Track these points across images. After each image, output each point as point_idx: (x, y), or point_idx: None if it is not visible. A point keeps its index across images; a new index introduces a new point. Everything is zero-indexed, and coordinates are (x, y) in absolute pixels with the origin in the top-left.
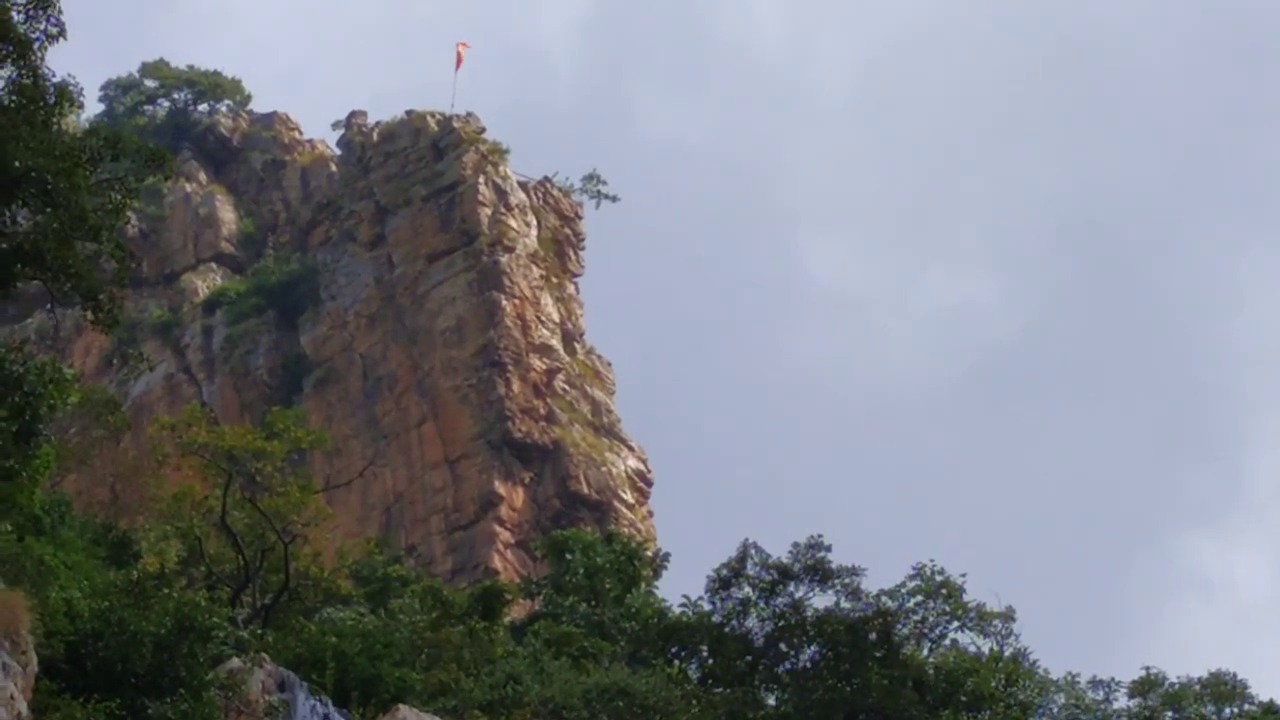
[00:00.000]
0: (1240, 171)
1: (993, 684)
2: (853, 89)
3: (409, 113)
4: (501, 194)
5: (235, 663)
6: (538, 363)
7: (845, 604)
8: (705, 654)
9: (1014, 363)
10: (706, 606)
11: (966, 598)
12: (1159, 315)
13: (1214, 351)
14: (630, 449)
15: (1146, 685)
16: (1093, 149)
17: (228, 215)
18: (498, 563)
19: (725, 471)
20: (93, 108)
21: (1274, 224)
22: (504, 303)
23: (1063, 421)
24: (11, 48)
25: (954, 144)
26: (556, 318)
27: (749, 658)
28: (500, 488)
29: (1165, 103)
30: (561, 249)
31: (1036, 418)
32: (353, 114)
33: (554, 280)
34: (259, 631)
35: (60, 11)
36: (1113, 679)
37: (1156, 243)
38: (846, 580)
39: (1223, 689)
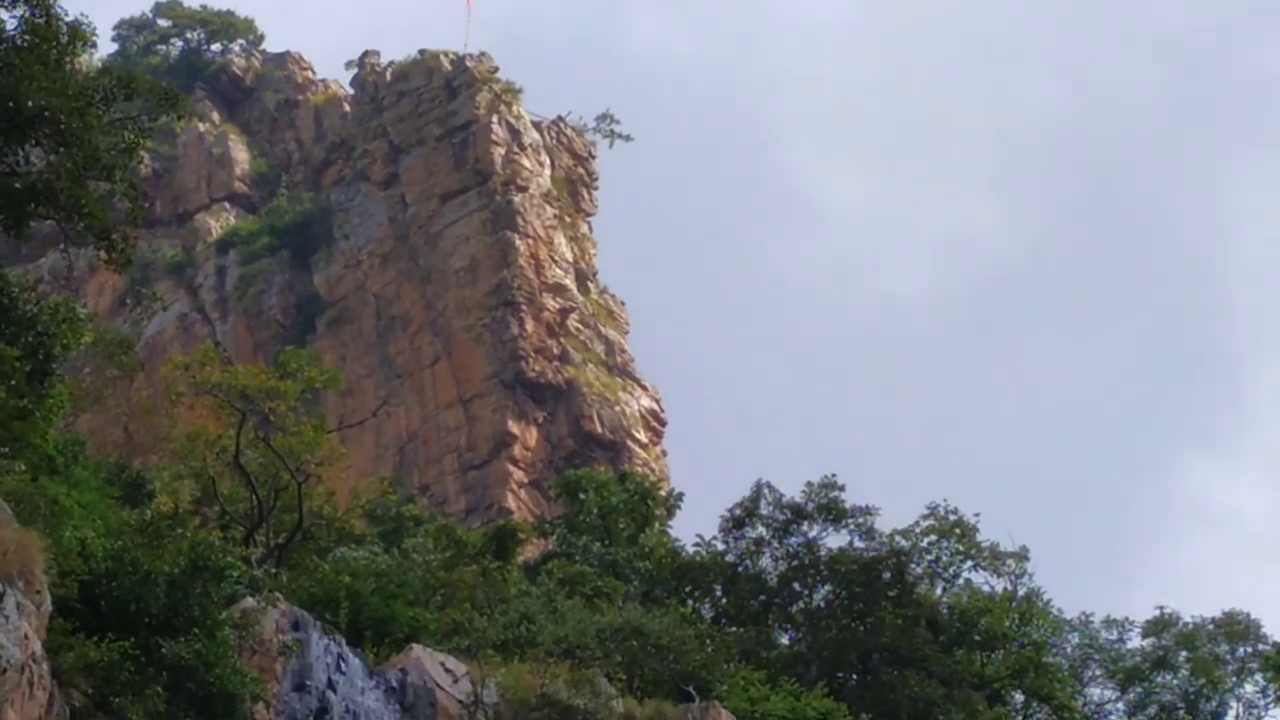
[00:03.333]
0: (1240, 89)
1: (1006, 623)
2: (852, 6)
3: (422, 52)
4: (515, 133)
5: (249, 602)
6: (551, 302)
7: (859, 544)
8: (719, 593)
9: (1014, 286)
10: (720, 546)
11: (980, 537)
12: (1160, 236)
13: (1215, 272)
14: (644, 388)
15: (1160, 625)
16: (1093, 69)
17: (241, 155)
18: (511, 502)
19: (737, 409)
20: (106, 47)
21: (1275, 142)
22: (517, 242)
23: (1064, 344)
24: None
25: (953, 63)
26: (570, 257)
27: (762, 597)
28: (514, 427)
29: (1165, 21)
30: (575, 188)
31: (1037, 341)
32: (366, 54)
33: (567, 220)
34: (273, 571)
35: None
36: (1126, 619)
37: (1157, 162)
38: (860, 520)
39: (1236, 628)
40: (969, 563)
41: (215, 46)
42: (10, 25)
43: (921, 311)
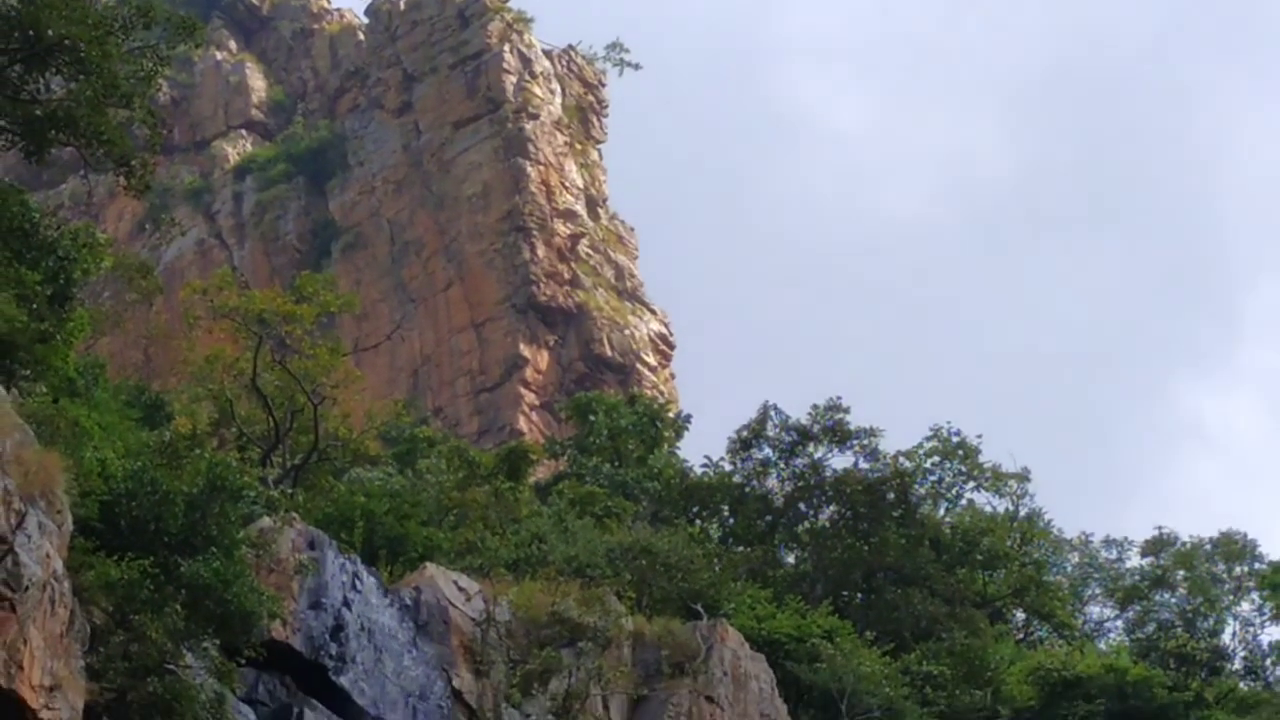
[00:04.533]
0: (1238, 7)
1: (1008, 543)
2: None
3: None
4: (526, 62)
5: (266, 522)
6: (562, 228)
7: (863, 465)
8: (726, 513)
9: (1013, 205)
10: (727, 467)
11: (982, 458)
12: (1156, 157)
13: (1211, 193)
14: (653, 312)
15: (1158, 545)
16: None
17: (257, 83)
18: (523, 424)
19: (744, 332)
20: None
21: (1271, 60)
22: (529, 169)
23: (1061, 264)
24: None
25: None
26: (580, 184)
27: (769, 517)
28: (525, 351)
29: None
30: (585, 116)
31: (1035, 260)
32: None
33: (578, 147)
34: (289, 491)
35: None
36: (1125, 538)
37: (1154, 81)
38: (865, 441)
39: (1233, 548)
40: (971, 483)
41: None
42: None
43: (921, 231)
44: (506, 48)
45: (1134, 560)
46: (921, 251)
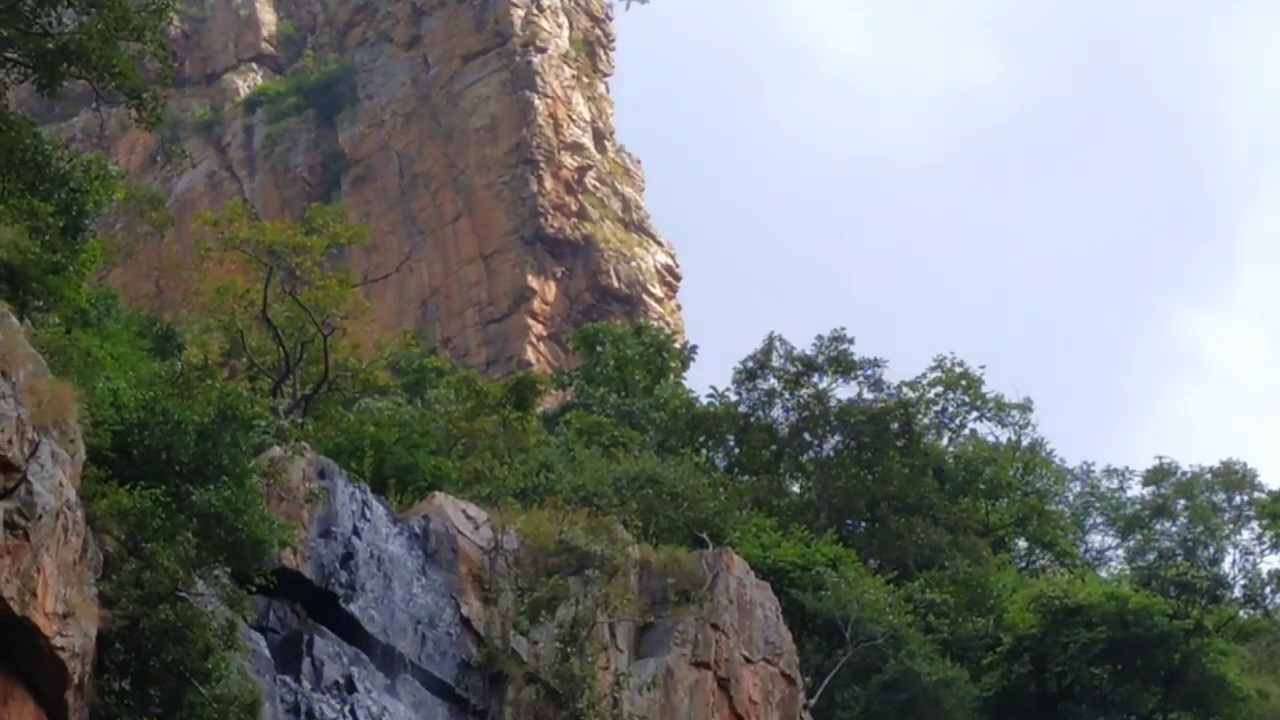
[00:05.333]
0: None
1: (1010, 473)
2: None
3: None
4: None
5: (276, 451)
6: (569, 160)
7: (867, 395)
8: (732, 443)
9: (1012, 138)
10: (733, 397)
11: (985, 389)
12: (1154, 90)
13: (1208, 125)
14: (659, 244)
15: (1159, 474)
16: None
17: (268, 16)
18: (530, 354)
19: (749, 263)
20: None
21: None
22: (536, 102)
23: (1059, 196)
24: None
25: None
26: (587, 116)
27: (774, 447)
28: (533, 282)
29: None
30: (592, 49)
31: (1035, 196)
32: None
33: (585, 80)
34: (299, 421)
35: None
36: (1126, 468)
37: (1152, 16)
38: (869, 372)
39: (1233, 477)
40: (974, 414)
41: None
42: None
43: (923, 161)
44: None
45: (1135, 490)
46: (923, 182)
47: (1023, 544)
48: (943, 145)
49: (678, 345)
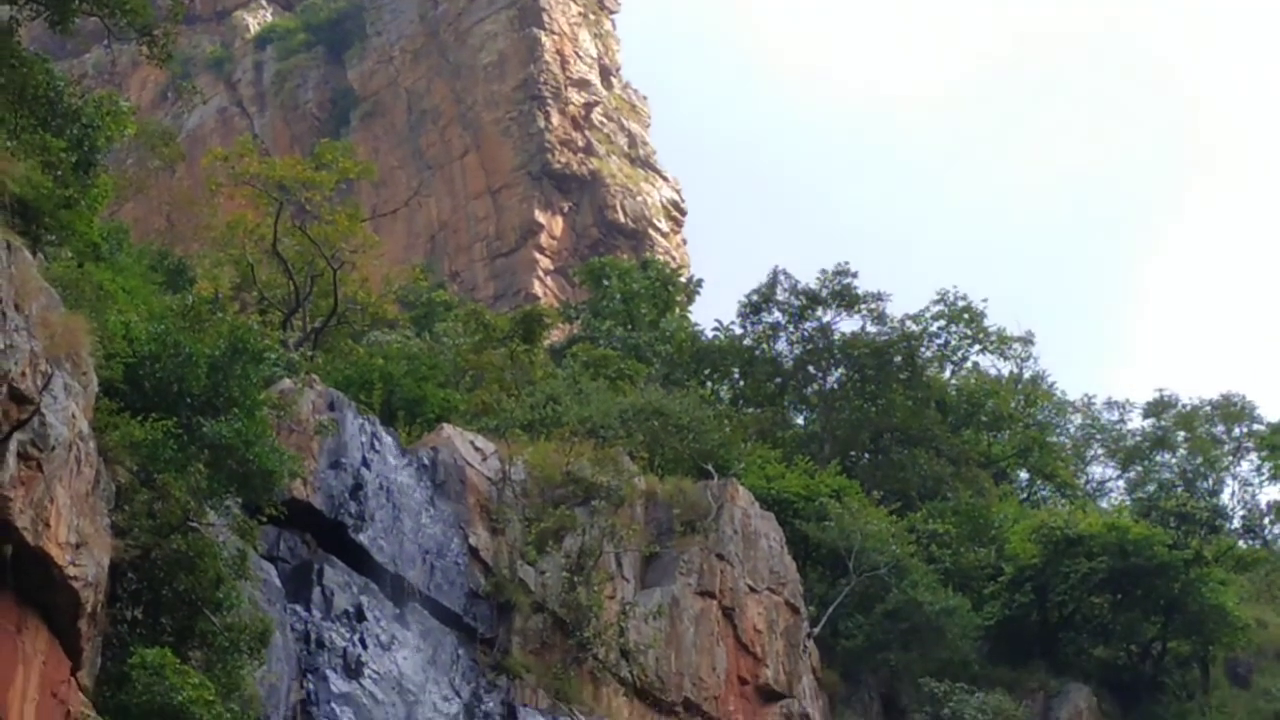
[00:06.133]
0: None
1: (1012, 405)
2: None
3: None
4: None
5: (286, 383)
6: (576, 96)
7: (871, 328)
8: (736, 376)
9: (1012, 67)
10: (737, 330)
11: (987, 322)
12: (1159, 20)
13: (1208, 48)
14: (665, 179)
15: (1159, 407)
16: None
17: None
18: (538, 288)
19: (754, 198)
20: None
21: None
22: (543, 38)
23: (1063, 129)
24: None
25: None
26: (594, 53)
27: (778, 379)
28: (540, 217)
29: None
30: None
31: (1037, 127)
32: None
33: (591, 17)
34: (309, 354)
35: None
36: (1127, 400)
37: None
38: (872, 305)
39: (1232, 410)
40: (976, 346)
41: None
42: None
43: (925, 96)
44: None
45: (1135, 422)
46: (926, 115)
47: (1024, 475)
48: (944, 76)
49: (683, 279)
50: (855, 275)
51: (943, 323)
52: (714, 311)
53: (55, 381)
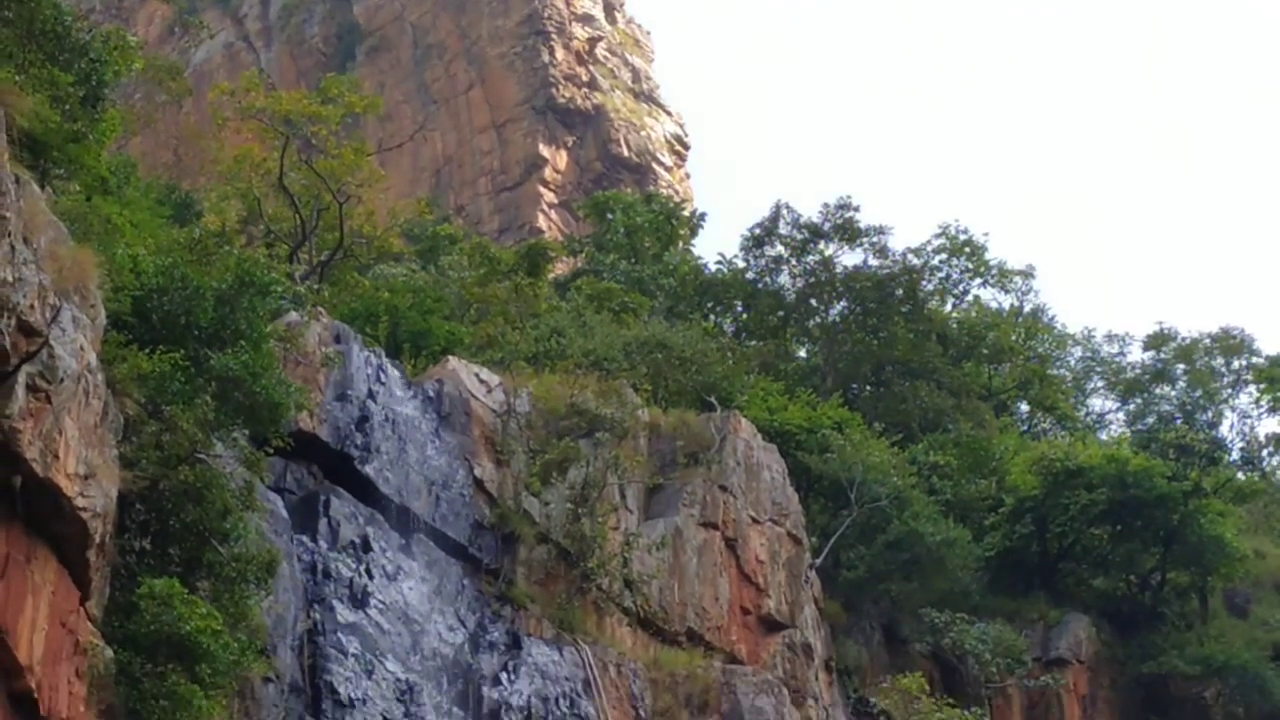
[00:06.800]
0: None
1: (1013, 338)
2: None
3: None
4: None
5: (293, 316)
6: (580, 31)
7: (873, 261)
8: (739, 309)
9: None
10: (740, 264)
11: (988, 256)
12: None
13: None
14: (668, 114)
15: (1159, 340)
16: None
17: None
18: (542, 222)
19: (757, 133)
20: None
21: None
22: None
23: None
24: None
25: None
26: None
27: (781, 313)
28: (545, 151)
29: None
30: None
31: (1032, 57)
32: None
33: None
34: (315, 287)
35: None
36: (1127, 333)
37: None
38: (874, 239)
39: (1231, 343)
40: (978, 280)
41: None
42: None
43: (926, 29)
44: None
45: (1135, 354)
46: (925, 51)
47: (1024, 407)
48: (947, 12)
49: (686, 213)
50: (857, 209)
51: (944, 256)
52: (717, 245)
53: (64, 314)
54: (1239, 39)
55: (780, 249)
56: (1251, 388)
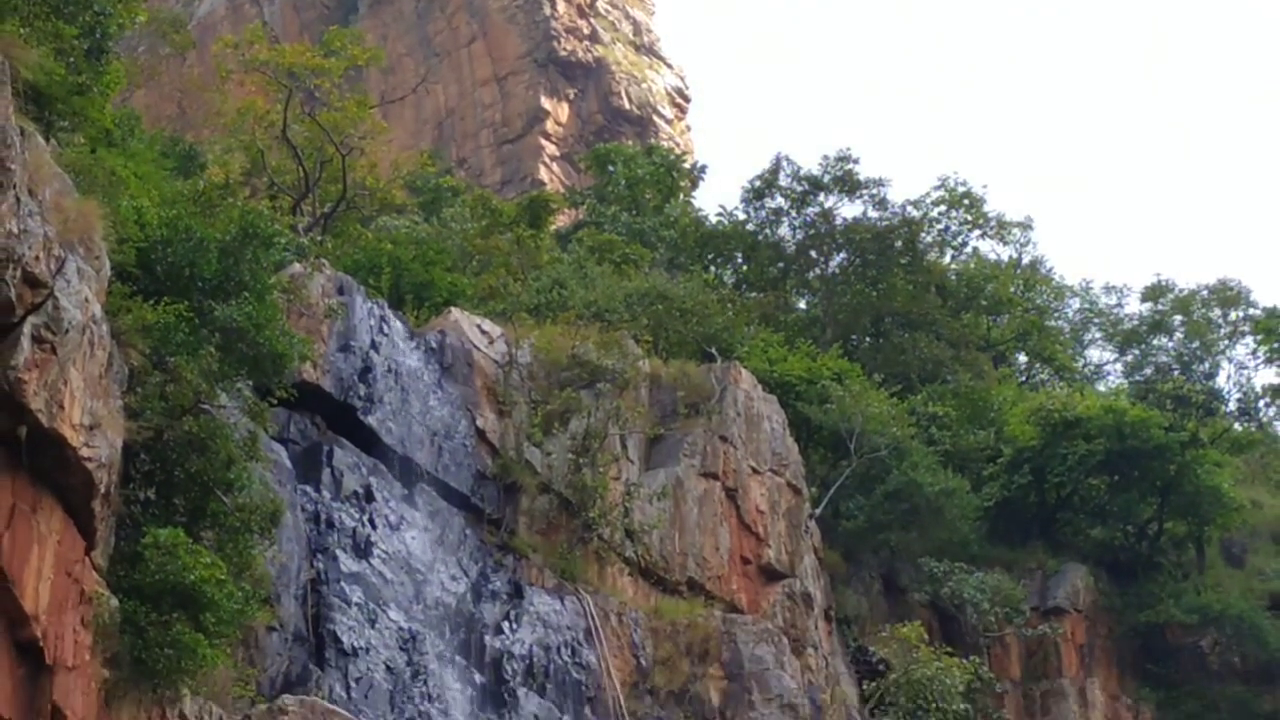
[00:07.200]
0: None
1: (1011, 289)
2: None
3: None
4: None
5: (296, 268)
6: None
7: (872, 213)
8: (740, 260)
9: None
10: (741, 216)
11: (987, 208)
12: None
13: None
14: (669, 66)
15: (1157, 291)
16: None
17: None
18: (544, 174)
19: (757, 86)
20: None
21: None
22: None
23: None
24: None
25: None
26: None
27: (781, 264)
28: (546, 103)
29: None
30: None
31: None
32: None
33: None
34: (318, 239)
35: None
36: (1125, 285)
37: None
38: (874, 191)
39: (1228, 294)
40: (976, 232)
41: None
42: None
43: None
44: None
45: (1133, 306)
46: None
47: (1023, 358)
48: None
49: (687, 165)
50: (856, 161)
51: (943, 208)
52: (718, 198)
53: (68, 266)
54: (1238, 22)
55: (780, 201)
56: (1248, 339)
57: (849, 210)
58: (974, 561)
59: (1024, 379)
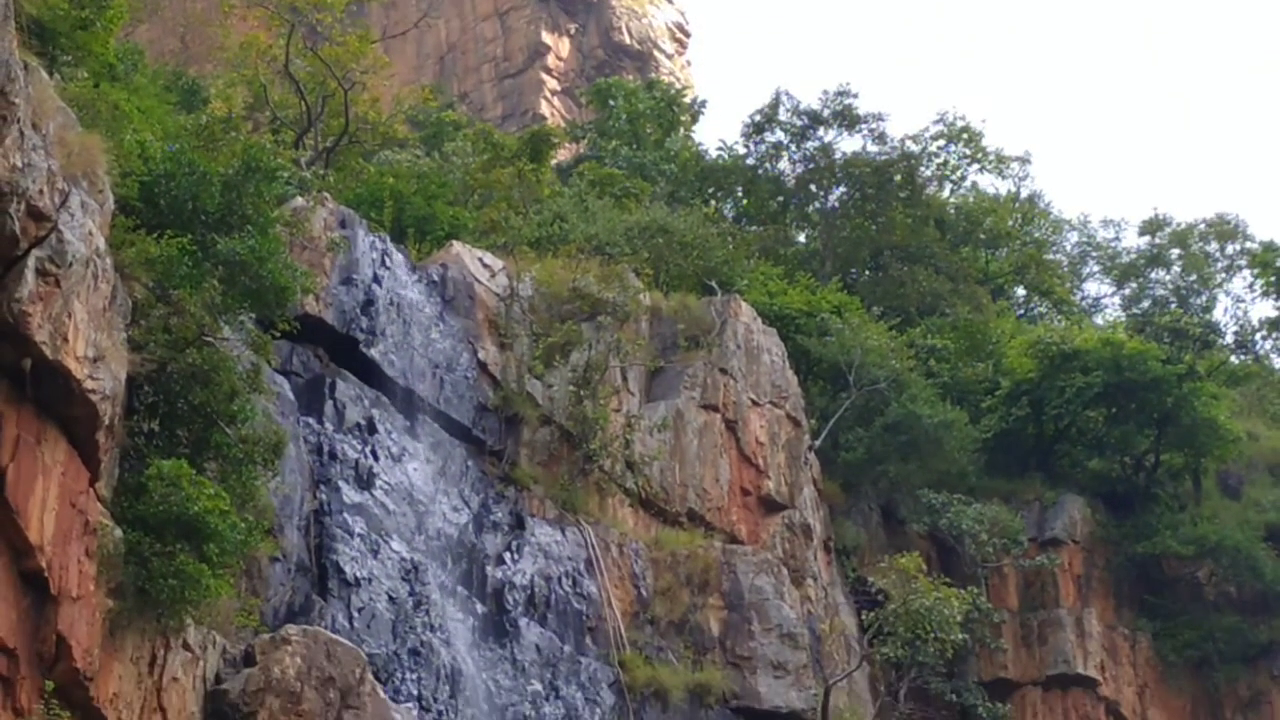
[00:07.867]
0: None
1: (1009, 223)
2: None
3: None
4: None
5: (299, 201)
6: None
7: (871, 148)
8: (739, 194)
9: None
10: (741, 150)
11: (985, 142)
12: None
13: None
14: (670, 1)
15: (1154, 225)
16: None
17: None
18: (545, 109)
19: (757, 21)
20: None
21: None
22: None
23: None
24: None
25: None
26: None
27: (780, 198)
28: (547, 38)
29: None
30: None
31: None
32: None
33: None
34: (321, 172)
35: None
36: (1122, 219)
37: None
38: (873, 125)
39: (1225, 228)
40: (975, 166)
41: None
42: None
43: None
44: None
45: (1130, 240)
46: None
47: (1021, 292)
48: None
49: (687, 100)
50: (856, 96)
51: (942, 143)
52: (718, 132)
53: (72, 199)
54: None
55: (780, 135)
56: (1245, 273)
57: (848, 145)
58: (972, 493)
59: (1022, 312)
